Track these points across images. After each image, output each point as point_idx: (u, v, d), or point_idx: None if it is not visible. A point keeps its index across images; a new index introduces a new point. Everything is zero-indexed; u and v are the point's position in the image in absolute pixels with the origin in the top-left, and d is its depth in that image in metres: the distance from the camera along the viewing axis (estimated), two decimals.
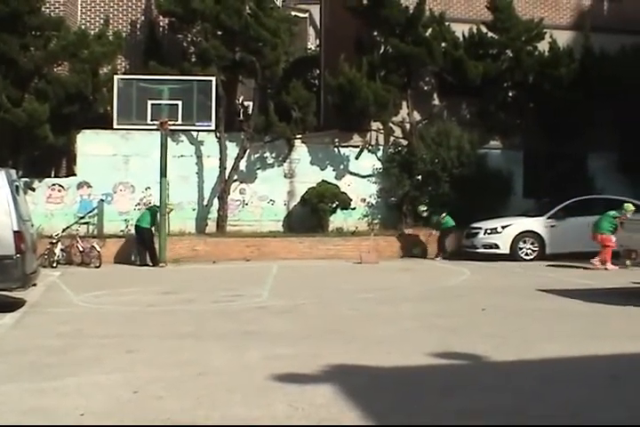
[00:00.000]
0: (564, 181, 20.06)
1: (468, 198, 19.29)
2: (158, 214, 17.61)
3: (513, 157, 21.32)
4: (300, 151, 20.57)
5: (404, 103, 20.65)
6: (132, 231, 18.37)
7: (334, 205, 19.65)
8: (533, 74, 20.81)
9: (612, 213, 15.56)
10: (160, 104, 17.44)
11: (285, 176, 20.56)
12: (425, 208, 19.30)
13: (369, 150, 20.77)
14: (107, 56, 18.97)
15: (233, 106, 21.94)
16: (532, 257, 18.08)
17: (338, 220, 20.13)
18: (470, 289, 12.78)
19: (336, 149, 20.80)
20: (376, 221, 20.78)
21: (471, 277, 14.81)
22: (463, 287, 13.10)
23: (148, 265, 17.49)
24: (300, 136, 20.32)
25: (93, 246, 17.42)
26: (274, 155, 20.54)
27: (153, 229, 17.68)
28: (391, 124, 20.71)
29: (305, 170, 20.44)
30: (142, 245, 17.75)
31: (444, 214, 18.75)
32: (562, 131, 20.33)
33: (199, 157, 19.98)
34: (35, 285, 11.37)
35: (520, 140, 21.34)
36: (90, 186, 19.32)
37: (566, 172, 20.39)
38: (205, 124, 17.67)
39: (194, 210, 20.00)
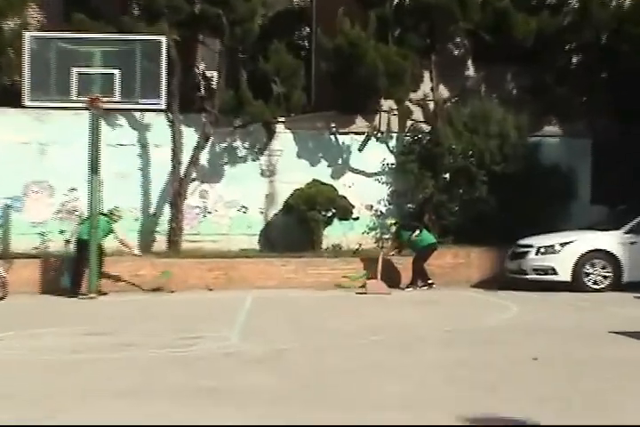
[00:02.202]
0: None
1: (513, 205, 19.36)
2: (104, 224, 17.36)
3: (577, 149, 21.21)
4: (284, 140, 20.66)
5: (427, 74, 20.91)
6: (50, 248, 18.24)
7: (330, 214, 19.82)
8: (607, 32, 20.60)
9: None
10: (90, 74, 17.27)
11: (263, 174, 20.64)
12: (394, 221, 19.14)
13: (377, 139, 21.02)
14: (13, 6, 18.62)
15: (191, 77, 22.03)
16: (602, 286, 17.93)
17: (334, 234, 20.17)
18: (516, 331, 12.62)
19: (332, 138, 21.05)
20: (387, 237, 20.65)
21: (518, 314, 14.66)
22: (506, 328, 12.94)
23: (78, 295, 17.16)
24: (283, 119, 20.42)
25: None
26: (247, 145, 20.73)
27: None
28: (408, 103, 20.78)
29: (290, 165, 20.51)
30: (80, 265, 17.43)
31: (417, 231, 18.56)
32: None
33: (144, 146, 20.16)
34: None
35: (587, 125, 21.15)
36: None
37: None
38: (153, 101, 17.46)
39: (136, 220, 20.01)
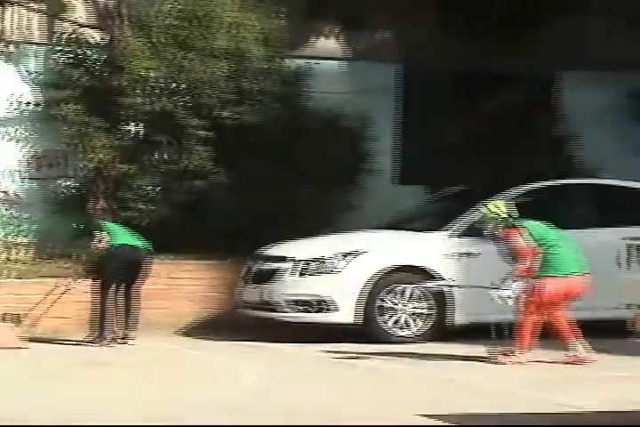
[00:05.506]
0: (516, 139, 17.54)
1: (257, 184, 16.37)
2: None
3: (377, 79, 18.14)
4: None
5: None
6: None
7: None
8: None
9: None
10: None
11: None
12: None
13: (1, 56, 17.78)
14: None
15: None
16: (415, 332, 14.54)
17: None
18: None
19: None
20: (22, 239, 17.31)
21: (254, 387, 11.28)
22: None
23: None
24: None
25: None
26: None
27: None
28: None
29: None
30: None
31: (109, 225, 15.06)
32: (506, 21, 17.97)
33: None
34: None
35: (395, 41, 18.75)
36: None
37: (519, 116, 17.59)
38: None
39: None
